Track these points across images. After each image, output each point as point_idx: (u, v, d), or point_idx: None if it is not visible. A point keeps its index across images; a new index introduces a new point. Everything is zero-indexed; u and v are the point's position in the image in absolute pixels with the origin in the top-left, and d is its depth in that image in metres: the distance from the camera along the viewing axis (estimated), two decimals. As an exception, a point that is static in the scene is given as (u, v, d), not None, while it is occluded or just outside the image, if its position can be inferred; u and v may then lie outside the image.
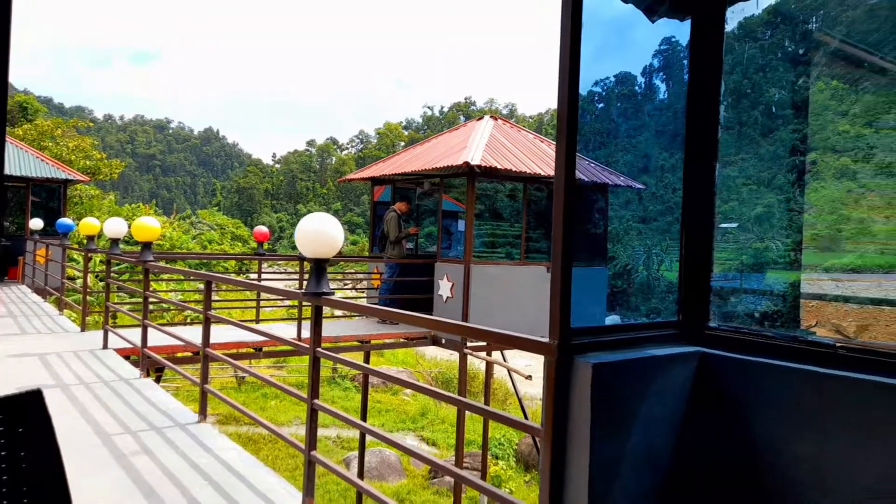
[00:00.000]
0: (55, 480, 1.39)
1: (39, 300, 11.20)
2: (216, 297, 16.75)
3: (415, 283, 10.11)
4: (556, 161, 1.93)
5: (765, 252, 2.45)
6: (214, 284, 5.17)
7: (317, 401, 3.36)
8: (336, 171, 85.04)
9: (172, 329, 9.76)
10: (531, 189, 10.18)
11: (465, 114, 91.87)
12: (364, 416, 6.93)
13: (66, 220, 12.19)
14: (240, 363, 4.96)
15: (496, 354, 10.53)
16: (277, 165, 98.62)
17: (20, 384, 5.22)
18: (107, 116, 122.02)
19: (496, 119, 11.87)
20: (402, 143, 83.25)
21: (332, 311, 12.36)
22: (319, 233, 3.37)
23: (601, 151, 2.39)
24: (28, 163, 15.33)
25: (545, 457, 1.93)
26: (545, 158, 10.48)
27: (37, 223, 13.12)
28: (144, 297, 6.03)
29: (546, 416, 1.94)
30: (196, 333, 6.11)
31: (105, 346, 6.99)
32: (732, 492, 2.05)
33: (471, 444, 14.22)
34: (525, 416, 12.17)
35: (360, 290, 14.21)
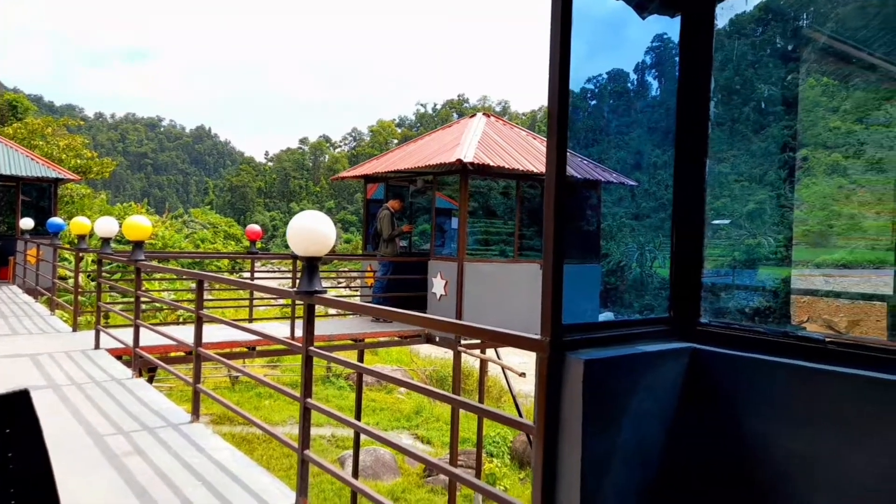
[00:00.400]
0: (43, 480, 1.38)
1: (30, 300, 11.12)
2: (209, 297, 16.69)
3: (408, 281, 10.11)
4: (548, 157, 1.93)
5: (756, 248, 2.46)
6: (207, 283, 5.15)
7: (310, 400, 3.35)
8: (329, 169, 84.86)
9: (165, 329, 9.72)
10: (524, 186, 10.18)
11: (459, 111, 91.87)
12: (358, 415, 6.93)
13: (57, 220, 12.13)
14: (233, 363, 4.94)
15: (490, 352, 10.53)
16: (270, 163, 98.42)
17: (11, 385, 5.17)
18: (98, 115, 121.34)
19: (489, 116, 11.87)
20: (395, 141, 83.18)
21: (326, 310, 12.34)
22: (311, 231, 3.35)
23: (594, 148, 2.39)
24: (18, 162, 15.20)
25: (537, 453, 1.93)
26: (538, 155, 10.48)
27: (27, 223, 13.02)
28: (136, 297, 6.00)
29: (538, 413, 1.94)
30: (189, 333, 6.07)
31: (97, 347, 6.95)
32: (723, 487, 2.06)
33: (465, 442, 14.23)
34: (519, 414, 12.19)
35: (354, 289, 14.19)
